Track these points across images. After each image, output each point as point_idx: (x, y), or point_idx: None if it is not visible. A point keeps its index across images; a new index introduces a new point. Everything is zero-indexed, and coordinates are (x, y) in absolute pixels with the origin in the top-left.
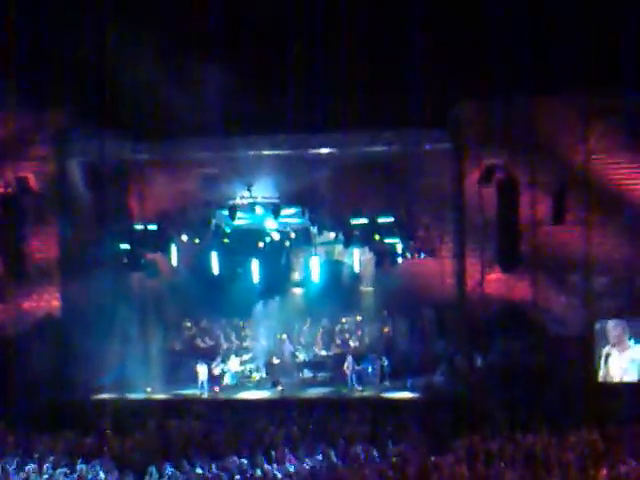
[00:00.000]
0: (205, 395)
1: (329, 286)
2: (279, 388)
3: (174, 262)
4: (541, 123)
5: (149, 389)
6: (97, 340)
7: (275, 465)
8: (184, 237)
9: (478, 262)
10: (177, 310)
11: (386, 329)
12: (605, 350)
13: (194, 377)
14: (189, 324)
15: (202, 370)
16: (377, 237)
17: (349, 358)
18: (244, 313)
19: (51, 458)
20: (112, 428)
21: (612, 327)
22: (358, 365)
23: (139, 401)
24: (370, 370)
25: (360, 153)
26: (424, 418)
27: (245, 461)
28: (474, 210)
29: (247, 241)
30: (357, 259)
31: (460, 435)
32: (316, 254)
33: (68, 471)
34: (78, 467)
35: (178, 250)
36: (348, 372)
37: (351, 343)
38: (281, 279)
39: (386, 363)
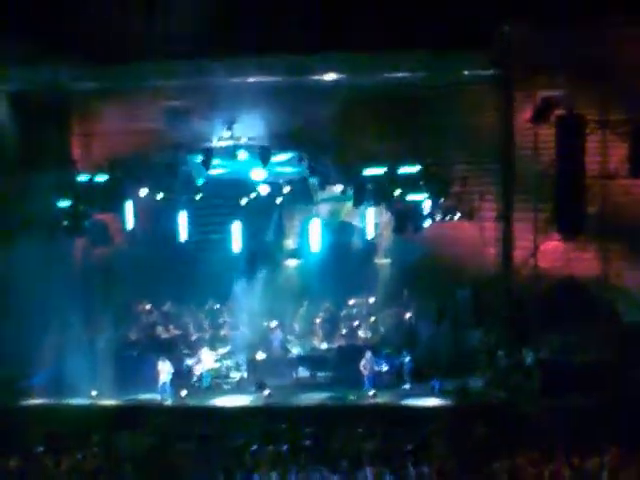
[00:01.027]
0: (168, 401)
1: (333, 257)
2: (265, 392)
3: (129, 224)
4: (615, 46)
5: (94, 393)
6: (26, 327)
7: None
8: (143, 191)
9: (530, 226)
10: (132, 289)
11: (407, 315)
12: None
13: (153, 377)
14: (148, 307)
15: (164, 368)
16: (398, 192)
17: (368, 354)
18: (221, 293)
19: None
20: (44, 444)
21: None
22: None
23: (81, 409)
24: (385, 369)
25: (377, 81)
26: (455, 433)
27: None
28: (526, 157)
29: (226, 197)
30: (371, 222)
31: (502, 455)
32: (317, 215)
33: None
34: None
35: (135, 209)
36: (366, 372)
37: (361, 333)
38: (270, 248)
39: (407, 360)
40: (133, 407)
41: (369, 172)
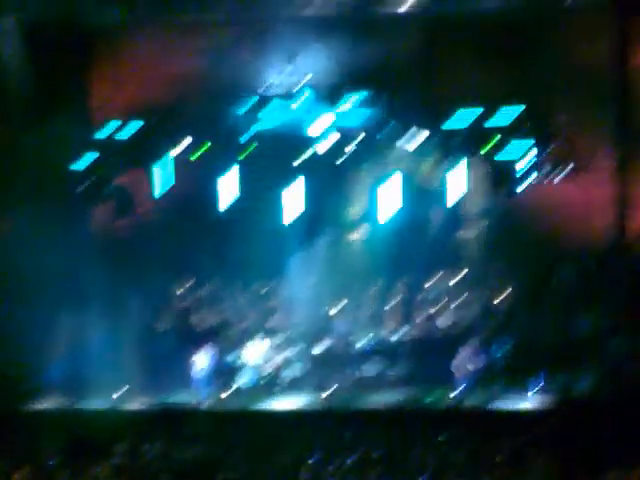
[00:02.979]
0: (205, 404)
1: (410, 226)
2: (325, 393)
3: (159, 189)
4: None
5: (116, 395)
6: (35, 315)
7: None
8: (177, 148)
9: None
10: (164, 267)
11: (499, 297)
12: None
13: (188, 375)
14: (182, 290)
15: (202, 364)
16: (490, 145)
17: (465, 351)
18: (270, 272)
19: None
20: (58, 456)
21: None
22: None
23: (101, 414)
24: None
25: (466, 8)
26: (559, 442)
27: None
28: None
29: (280, 153)
30: (459, 180)
31: (616, 468)
32: (389, 175)
33: None
34: None
35: (166, 170)
36: (459, 374)
37: (442, 321)
38: (332, 215)
39: (500, 352)
40: (164, 412)
41: (457, 119)
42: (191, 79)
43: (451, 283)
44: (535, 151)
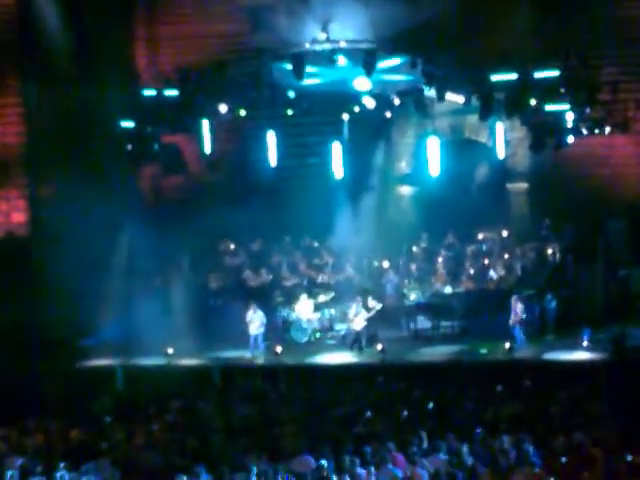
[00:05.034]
0: (259, 359)
1: (456, 183)
2: (378, 347)
3: (207, 148)
4: None
5: (170, 351)
6: (86, 274)
7: (373, 469)
8: (222, 107)
9: None
10: (213, 225)
11: (549, 251)
12: None
13: (242, 331)
14: (232, 247)
15: (256, 319)
16: (533, 102)
17: (514, 299)
18: (320, 229)
19: (19, 462)
20: (112, 413)
21: None
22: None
23: (155, 370)
24: (525, 317)
25: None
26: (612, 393)
27: (325, 463)
28: None
29: (323, 112)
30: (501, 138)
31: None
32: (434, 132)
33: None
34: (58, 475)
35: (213, 129)
36: (514, 320)
37: (493, 273)
38: (378, 173)
39: (551, 306)
40: (218, 368)
41: (498, 78)
42: (231, 40)
43: (500, 237)
44: (578, 111)
